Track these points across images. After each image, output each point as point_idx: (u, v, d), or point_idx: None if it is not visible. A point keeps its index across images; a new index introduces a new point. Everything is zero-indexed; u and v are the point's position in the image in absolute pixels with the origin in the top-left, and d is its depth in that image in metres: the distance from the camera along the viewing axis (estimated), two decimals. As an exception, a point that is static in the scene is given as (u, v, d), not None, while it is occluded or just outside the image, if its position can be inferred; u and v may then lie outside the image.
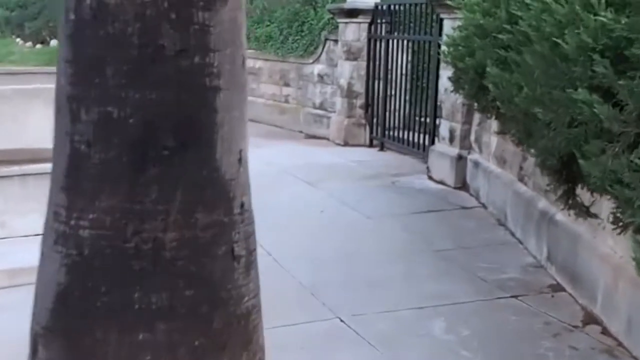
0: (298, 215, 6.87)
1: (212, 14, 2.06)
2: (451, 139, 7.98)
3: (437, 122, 8.34)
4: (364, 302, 4.78)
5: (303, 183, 8.12)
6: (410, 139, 9.40)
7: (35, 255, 2.25)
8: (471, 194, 7.53)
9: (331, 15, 10.92)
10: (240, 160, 2.20)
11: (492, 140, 6.98)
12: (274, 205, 7.18)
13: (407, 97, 9.75)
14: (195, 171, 2.07)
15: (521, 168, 6.13)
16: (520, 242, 5.94)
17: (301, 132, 11.68)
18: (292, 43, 11.96)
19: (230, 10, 2.11)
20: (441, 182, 8.03)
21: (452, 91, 6.43)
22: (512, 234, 6.15)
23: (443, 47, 6.23)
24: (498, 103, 4.68)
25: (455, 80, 5.96)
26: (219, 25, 2.08)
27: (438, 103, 8.26)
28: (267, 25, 12.88)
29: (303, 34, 11.80)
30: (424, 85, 9.17)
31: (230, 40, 2.12)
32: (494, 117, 5.91)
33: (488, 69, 4.54)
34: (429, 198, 7.52)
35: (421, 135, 9.08)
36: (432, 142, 8.56)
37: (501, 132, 6.01)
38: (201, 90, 2.07)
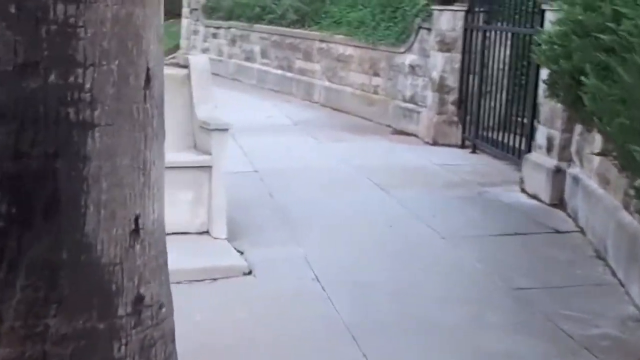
0: (360, 228, 6.07)
1: (83, 8, 1.30)
2: (549, 148, 6.96)
3: (535, 126, 7.33)
4: (414, 357, 3.95)
5: (376, 188, 7.30)
6: (505, 142, 8.40)
7: None
8: (568, 214, 6.52)
9: (426, 2, 9.98)
10: (135, 232, 1.43)
11: (595, 155, 5.95)
12: (335, 212, 6.42)
13: (504, 95, 8.72)
14: (46, 252, 1.31)
15: (626, 193, 5.10)
16: (622, 285, 4.94)
17: (389, 126, 10.82)
18: (384, 30, 11.10)
19: (119, 4, 1.34)
20: (534, 197, 7.04)
21: (546, 97, 5.44)
22: (613, 273, 5.15)
23: (538, 44, 5.25)
24: (595, 119, 3.72)
25: (550, 84, 5.01)
26: (94, 25, 1.32)
27: (537, 104, 7.26)
28: (360, 10, 12.06)
29: (396, 20, 10.92)
30: (523, 82, 8.14)
31: (119, 49, 1.36)
32: (595, 130, 4.92)
33: (584, 78, 3.58)
34: (517, 216, 6.56)
35: (517, 139, 8.07)
36: (529, 148, 7.55)
37: (602, 153, 5.00)
38: (60, 126, 1.31)
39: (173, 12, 20.22)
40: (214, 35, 16.93)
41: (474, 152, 9.22)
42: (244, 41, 15.65)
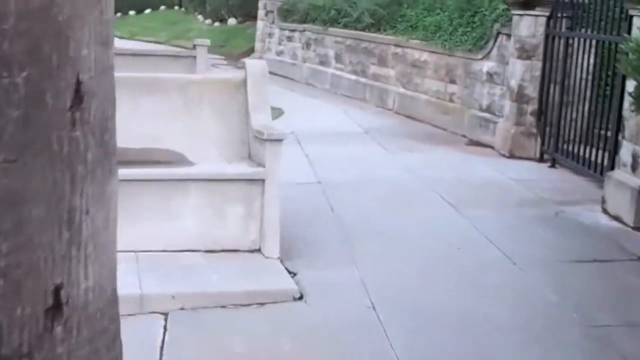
0: (425, 248, 5.62)
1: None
2: (634, 167, 6.36)
3: (620, 141, 6.72)
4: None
5: (445, 204, 6.82)
6: (587, 156, 7.79)
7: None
8: (655, 240, 5.92)
9: (506, 6, 9.42)
10: (55, 308, 1.05)
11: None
12: (399, 230, 6.00)
13: (587, 107, 8.10)
14: None
15: None
16: None
17: (464, 136, 10.29)
18: (462, 35, 10.57)
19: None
20: (617, 219, 6.45)
21: (632, 110, 4.88)
22: None
23: (624, 53, 4.70)
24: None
25: (636, 97, 4.46)
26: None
27: (622, 118, 6.65)
28: (437, 14, 11.56)
29: (474, 25, 10.38)
30: (607, 94, 7.52)
31: (29, 55, 1.00)
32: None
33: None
34: (597, 240, 6.00)
35: (600, 154, 7.45)
36: (613, 165, 6.94)
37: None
38: None
39: (249, 14, 20.09)
40: (289, 39, 16.66)
41: (552, 166, 8.62)
42: (318, 45, 15.32)
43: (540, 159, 8.87)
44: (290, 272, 4.95)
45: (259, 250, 5.17)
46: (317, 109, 12.52)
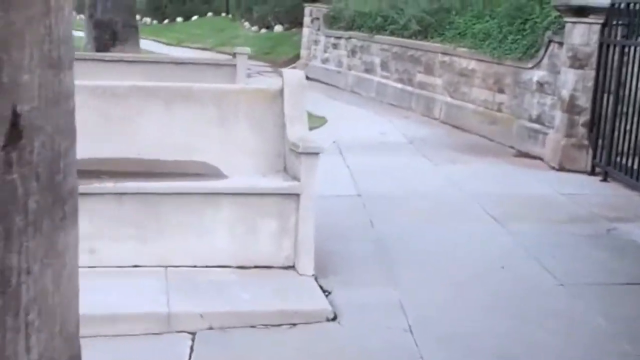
0: (467, 267, 5.39)
1: None
2: (693, 184, 6.03)
3: (677, 157, 6.41)
4: None
5: (489, 219, 6.58)
6: (642, 171, 7.46)
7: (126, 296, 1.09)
8: None
9: (558, 13, 9.11)
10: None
11: None
12: (441, 246, 5.79)
13: (643, 119, 7.77)
14: None
15: None
16: None
17: (512, 147, 9.99)
18: (511, 43, 10.28)
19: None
20: (674, 238, 6.13)
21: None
22: None
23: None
24: None
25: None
26: None
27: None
28: (487, 21, 11.29)
29: (525, 33, 10.09)
30: (665, 106, 7.19)
31: None
32: None
33: None
34: (652, 261, 5.69)
35: (656, 169, 7.13)
36: (669, 181, 6.63)
37: None
38: None
39: (295, 20, 20.00)
40: (334, 46, 16.50)
41: (604, 180, 8.30)
42: (364, 52, 15.13)
43: (592, 172, 8.55)
44: (324, 291, 4.77)
45: (292, 267, 5.00)
46: (361, 117, 12.34)
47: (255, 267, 4.97)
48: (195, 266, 4.87)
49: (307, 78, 17.30)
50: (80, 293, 4.30)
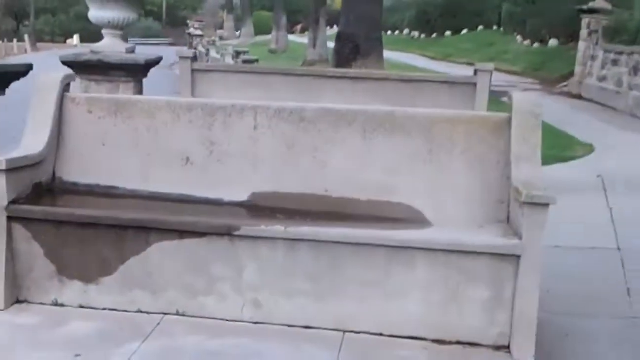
0: None
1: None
2: None
3: None
4: None
5: None
6: None
7: None
8: None
9: None
10: None
11: None
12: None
13: None
14: None
15: None
16: None
17: None
18: None
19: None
20: None
21: None
22: None
23: None
24: None
25: None
26: None
27: None
28: None
29: None
30: None
31: None
32: None
33: None
34: None
35: None
36: None
37: None
38: None
39: (573, 34, 18.34)
40: (614, 62, 14.74)
41: None
42: (648, 70, 13.30)
43: None
44: (544, 389, 3.66)
45: (506, 348, 3.94)
46: (639, 146, 10.67)
47: (458, 342, 3.98)
48: (380, 334, 3.99)
49: (581, 98, 15.60)
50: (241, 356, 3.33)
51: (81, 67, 6.81)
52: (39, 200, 4.26)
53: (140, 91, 6.98)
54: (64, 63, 6.85)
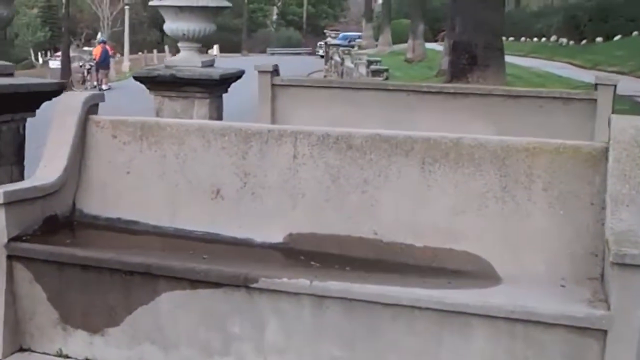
0: None
1: None
2: None
3: None
4: None
5: None
6: None
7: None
8: None
9: None
10: None
11: None
12: None
13: None
14: None
15: None
16: None
17: None
18: None
19: None
20: None
21: None
22: None
23: None
24: None
25: None
26: None
27: None
28: None
29: None
30: None
31: None
32: None
33: None
34: None
35: None
36: None
37: None
38: None
39: None
40: None
41: None
42: None
43: None
44: None
45: None
46: None
47: None
48: (428, 417, 3.24)
49: None
50: None
51: (154, 83, 6.41)
52: (47, 236, 3.80)
53: (218, 107, 6.50)
54: (136, 78, 6.49)
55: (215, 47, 46.51)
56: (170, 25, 6.48)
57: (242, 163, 3.91)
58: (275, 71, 6.73)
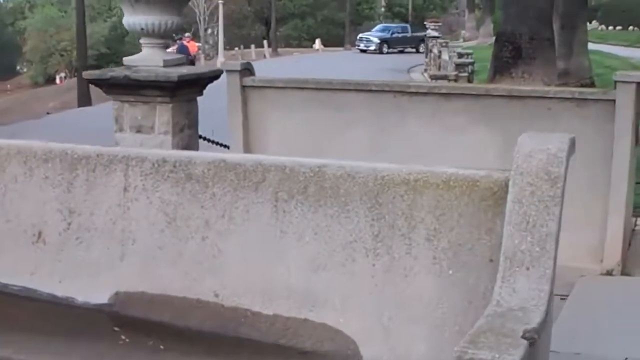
0: None
1: None
2: None
3: None
4: None
5: None
6: None
7: None
8: None
9: None
10: None
11: None
12: None
13: None
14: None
15: None
16: None
17: None
18: None
19: None
20: None
21: None
22: None
23: None
24: None
25: None
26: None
27: None
28: None
29: None
30: None
31: None
32: None
33: None
34: None
35: None
36: None
37: None
38: None
39: None
40: None
41: None
42: None
43: None
44: None
45: None
46: None
47: None
48: None
49: None
50: None
51: (109, 86, 5.70)
52: None
53: (188, 113, 5.67)
54: (90, 82, 5.82)
55: (318, 41, 45.81)
56: (128, 19, 5.69)
57: (66, 197, 3.12)
58: (246, 70, 5.91)
